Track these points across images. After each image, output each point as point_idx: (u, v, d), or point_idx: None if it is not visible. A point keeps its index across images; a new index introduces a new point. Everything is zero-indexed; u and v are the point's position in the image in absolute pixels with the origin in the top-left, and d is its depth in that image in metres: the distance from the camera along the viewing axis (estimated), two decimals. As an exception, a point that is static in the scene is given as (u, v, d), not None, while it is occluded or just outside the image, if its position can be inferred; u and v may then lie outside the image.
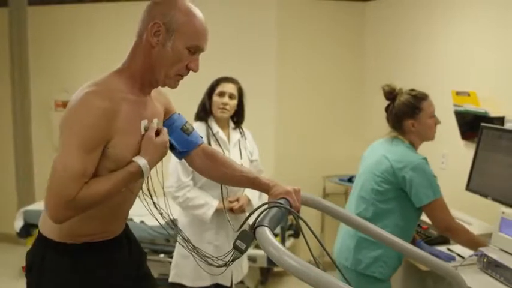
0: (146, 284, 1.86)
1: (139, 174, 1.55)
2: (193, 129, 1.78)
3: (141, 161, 1.54)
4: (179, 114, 1.80)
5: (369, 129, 4.50)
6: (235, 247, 1.43)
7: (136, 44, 1.58)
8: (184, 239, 1.75)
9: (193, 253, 1.70)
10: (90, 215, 1.57)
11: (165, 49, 1.53)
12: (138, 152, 1.57)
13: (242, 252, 1.43)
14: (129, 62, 1.59)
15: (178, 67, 1.56)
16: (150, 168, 1.58)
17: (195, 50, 1.57)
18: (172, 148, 1.75)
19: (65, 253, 1.61)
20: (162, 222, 1.83)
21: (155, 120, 1.65)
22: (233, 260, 1.51)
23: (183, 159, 1.81)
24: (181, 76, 1.60)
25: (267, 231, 1.31)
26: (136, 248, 1.84)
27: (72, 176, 1.42)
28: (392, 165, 2.37)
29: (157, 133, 1.63)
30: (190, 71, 1.60)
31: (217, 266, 1.63)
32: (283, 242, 4.04)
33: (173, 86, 1.62)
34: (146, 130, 1.60)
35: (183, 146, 1.74)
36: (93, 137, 1.45)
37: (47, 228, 1.64)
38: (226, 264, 1.59)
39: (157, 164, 1.66)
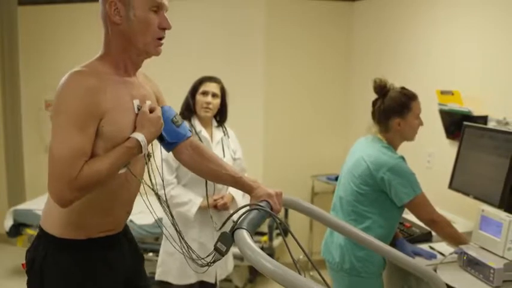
0: (138, 283, 1.88)
1: (137, 149, 1.57)
2: (182, 121, 1.81)
3: (138, 135, 1.57)
4: (170, 106, 1.82)
5: (356, 128, 4.53)
6: (216, 249, 1.45)
7: (105, 32, 1.62)
8: (174, 226, 1.78)
9: (181, 245, 1.73)
10: (92, 204, 1.60)
11: (130, 21, 1.57)
12: (133, 131, 1.60)
13: (223, 254, 1.46)
14: (106, 49, 1.63)
15: (151, 31, 1.59)
16: (148, 143, 1.61)
17: (157, 7, 1.60)
18: (161, 139, 1.78)
19: (68, 249, 1.63)
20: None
21: (148, 102, 1.67)
22: (214, 261, 1.55)
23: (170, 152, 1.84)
24: (160, 40, 1.63)
25: (245, 234, 1.35)
26: (134, 248, 1.88)
27: (70, 155, 1.45)
28: (369, 167, 2.39)
29: (151, 111, 1.65)
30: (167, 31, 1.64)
31: (200, 265, 1.67)
32: (270, 241, 4.07)
33: (154, 51, 1.64)
34: (139, 109, 1.63)
35: (172, 137, 1.76)
36: (83, 114, 1.47)
37: (49, 224, 1.65)
38: (208, 265, 1.62)
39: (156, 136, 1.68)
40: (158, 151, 1.83)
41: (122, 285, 1.77)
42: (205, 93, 2.83)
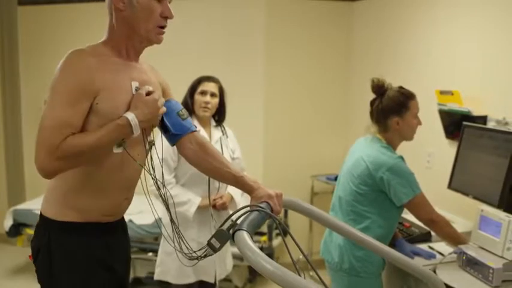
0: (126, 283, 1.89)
1: (127, 128, 1.57)
2: (188, 116, 1.83)
3: (129, 114, 1.58)
4: (176, 101, 1.85)
5: (356, 128, 4.53)
6: (209, 244, 1.47)
7: (109, 19, 1.66)
8: (171, 220, 1.79)
9: (174, 237, 1.75)
10: (87, 183, 1.62)
11: (133, 8, 1.60)
12: (128, 110, 1.61)
13: (215, 250, 1.48)
14: (109, 35, 1.67)
15: (153, 19, 1.62)
16: (142, 126, 1.60)
17: None
18: (166, 131, 1.79)
19: (69, 231, 1.64)
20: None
21: (149, 87, 1.68)
22: (204, 256, 1.56)
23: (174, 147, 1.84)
24: (162, 28, 1.65)
25: (245, 235, 1.36)
26: (127, 243, 1.89)
27: (55, 124, 1.48)
28: (368, 166, 2.39)
29: (148, 94, 1.65)
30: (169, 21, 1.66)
31: (189, 258, 1.68)
32: (270, 241, 4.07)
33: (156, 39, 1.66)
34: (137, 91, 1.65)
35: (176, 129, 1.78)
36: (75, 90, 1.50)
37: (49, 208, 1.67)
38: (197, 258, 1.64)
39: (150, 127, 1.70)
40: (158, 149, 1.83)
41: (123, 269, 1.79)
42: (203, 92, 2.84)
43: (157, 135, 1.85)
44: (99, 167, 1.62)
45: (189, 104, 2.86)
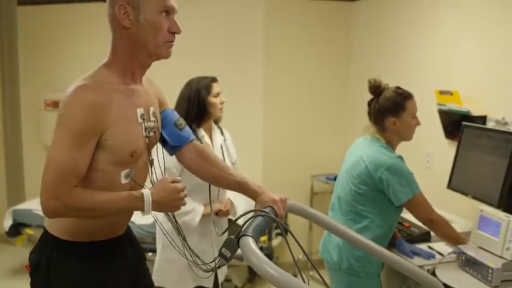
0: (142, 283, 1.88)
1: (139, 201, 1.54)
2: (185, 125, 1.80)
3: (145, 190, 1.55)
4: (172, 110, 1.82)
5: (355, 128, 4.52)
6: (220, 254, 1.46)
7: (113, 37, 1.59)
8: (184, 240, 1.78)
9: (184, 251, 1.73)
10: None
11: (140, 25, 1.54)
12: (135, 142, 1.58)
13: (227, 259, 1.46)
14: (114, 54, 1.59)
15: (161, 34, 1.57)
16: (155, 207, 1.56)
17: (168, 11, 1.58)
18: (164, 143, 1.77)
19: (72, 252, 1.62)
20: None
21: (151, 109, 1.66)
22: (219, 267, 1.56)
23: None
24: (170, 43, 1.61)
25: (251, 241, 1.36)
26: (136, 247, 1.87)
27: (60, 168, 1.45)
28: (367, 166, 2.39)
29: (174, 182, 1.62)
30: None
31: (205, 271, 1.68)
32: (270, 241, 4.07)
33: (166, 53, 1.62)
34: (143, 118, 1.62)
35: (174, 140, 1.76)
36: (83, 130, 1.46)
37: (55, 226, 1.64)
38: (212, 270, 1.64)
39: (167, 209, 1.65)
40: (160, 158, 1.82)
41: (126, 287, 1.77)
42: (218, 94, 2.76)
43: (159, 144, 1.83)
44: None
45: (207, 106, 2.73)
